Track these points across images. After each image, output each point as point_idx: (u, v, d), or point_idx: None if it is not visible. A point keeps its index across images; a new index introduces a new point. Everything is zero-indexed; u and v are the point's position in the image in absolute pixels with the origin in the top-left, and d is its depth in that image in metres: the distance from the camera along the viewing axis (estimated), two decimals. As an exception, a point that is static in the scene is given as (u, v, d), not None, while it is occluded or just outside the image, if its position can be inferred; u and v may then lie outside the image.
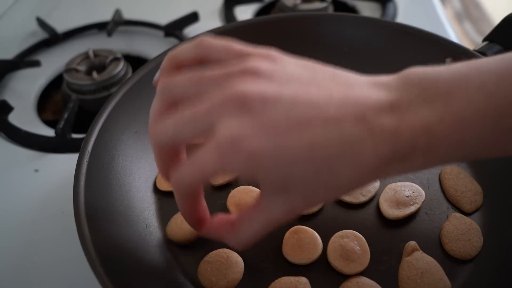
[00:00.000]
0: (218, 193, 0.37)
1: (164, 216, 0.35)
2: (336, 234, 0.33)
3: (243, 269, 0.32)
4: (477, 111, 0.23)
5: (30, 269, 0.35)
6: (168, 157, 0.26)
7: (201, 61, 0.26)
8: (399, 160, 0.23)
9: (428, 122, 0.23)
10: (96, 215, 0.30)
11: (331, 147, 0.22)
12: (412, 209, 0.34)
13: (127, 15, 0.66)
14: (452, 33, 0.61)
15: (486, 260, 0.31)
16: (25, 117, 0.50)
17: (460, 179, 0.37)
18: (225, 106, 0.22)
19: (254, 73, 0.23)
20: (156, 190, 0.38)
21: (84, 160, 0.33)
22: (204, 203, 0.28)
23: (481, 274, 0.30)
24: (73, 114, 0.48)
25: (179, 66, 0.26)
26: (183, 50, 0.26)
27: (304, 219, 0.34)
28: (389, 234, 0.33)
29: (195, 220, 0.28)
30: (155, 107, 0.26)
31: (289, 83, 0.23)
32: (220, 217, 0.28)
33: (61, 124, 0.45)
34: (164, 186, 0.37)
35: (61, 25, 0.64)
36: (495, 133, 0.23)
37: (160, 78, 0.26)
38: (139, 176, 0.37)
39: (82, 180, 0.31)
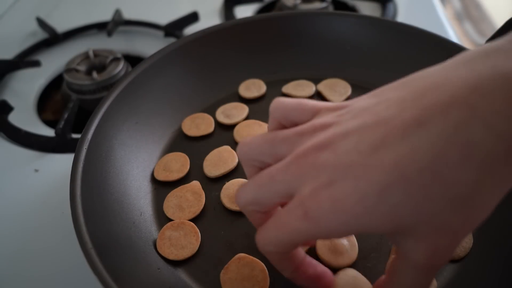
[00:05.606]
0: (212, 185, 0.37)
1: (160, 205, 0.36)
2: None
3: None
4: None
5: (30, 269, 0.35)
6: (259, 221, 0.26)
7: (282, 125, 0.26)
8: None
9: None
10: (92, 199, 0.31)
11: (421, 154, 0.18)
12: (405, 209, 0.34)
13: (127, 15, 0.66)
14: (452, 33, 0.61)
15: (475, 261, 0.31)
16: (25, 117, 0.50)
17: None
18: (298, 164, 0.22)
19: (323, 126, 0.23)
20: (153, 180, 0.38)
21: (83, 147, 0.33)
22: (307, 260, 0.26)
23: (468, 274, 0.31)
24: (73, 114, 0.48)
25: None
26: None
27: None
28: (380, 232, 0.34)
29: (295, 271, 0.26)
30: (247, 175, 0.27)
31: (357, 116, 0.22)
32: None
33: (61, 124, 0.45)
34: (161, 176, 0.38)
35: (61, 25, 0.64)
36: None
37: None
38: (137, 166, 0.38)
39: (80, 166, 0.32)
